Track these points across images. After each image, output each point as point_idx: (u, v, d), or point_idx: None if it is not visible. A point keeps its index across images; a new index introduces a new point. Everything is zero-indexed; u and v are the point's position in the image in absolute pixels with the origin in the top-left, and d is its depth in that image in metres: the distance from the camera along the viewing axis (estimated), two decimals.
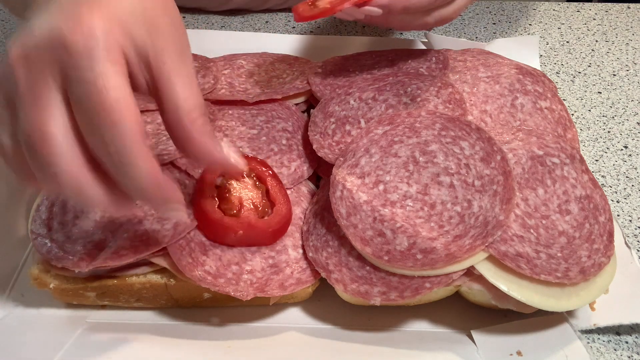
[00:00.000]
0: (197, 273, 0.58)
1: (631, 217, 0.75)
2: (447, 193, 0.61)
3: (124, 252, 0.58)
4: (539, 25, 1.09)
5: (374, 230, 0.59)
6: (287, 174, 0.69)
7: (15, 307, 0.64)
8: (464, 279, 0.59)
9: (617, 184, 0.79)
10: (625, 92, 0.94)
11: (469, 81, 0.76)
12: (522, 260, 0.57)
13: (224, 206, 0.62)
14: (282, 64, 0.86)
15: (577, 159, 0.66)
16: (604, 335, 0.63)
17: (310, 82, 0.80)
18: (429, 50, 0.84)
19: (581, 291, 0.57)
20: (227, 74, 0.83)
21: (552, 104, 0.74)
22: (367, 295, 0.58)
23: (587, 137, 0.87)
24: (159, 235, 0.60)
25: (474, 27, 1.09)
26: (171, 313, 0.65)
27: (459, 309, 0.64)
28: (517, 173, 0.63)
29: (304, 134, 0.74)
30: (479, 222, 0.58)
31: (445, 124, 0.66)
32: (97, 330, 0.61)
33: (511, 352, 0.58)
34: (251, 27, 1.08)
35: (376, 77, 0.77)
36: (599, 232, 0.61)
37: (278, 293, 0.59)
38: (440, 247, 0.57)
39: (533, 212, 0.61)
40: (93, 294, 0.62)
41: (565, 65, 1.00)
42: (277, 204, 0.64)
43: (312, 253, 0.62)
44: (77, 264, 0.58)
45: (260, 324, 0.63)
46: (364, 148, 0.65)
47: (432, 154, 0.64)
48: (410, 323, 0.63)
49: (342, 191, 0.62)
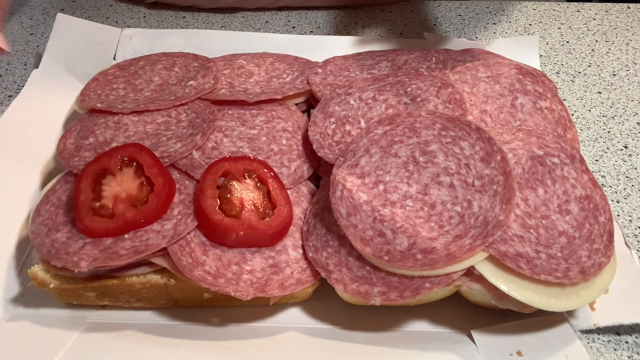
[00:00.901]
0: (197, 273, 0.58)
1: (631, 217, 0.75)
2: (447, 193, 0.61)
3: (124, 252, 0.58)
4: (539, 25, 1.09)
5: (374, 230, 0.59)
6: (287, 174, 0.69)
7: (15, 307, 0.64)
8: (464, 279, 0.59)
9: (617, 184, 0.79)
10: (625, 92, 0.94)
11: (469, 81, 0.76)
12: (522, 260, 0.57)
13: (225, 207, 0.62)
14: (282, 64, 0.86)
15: (577, 159, 0.66)
16: (604, 335, 0.63)
17: (310, 82, 0.80)
18: (429, 51, 0.84)
19: (581, 291, 0.57)
20: (227, 74, 0.83)
21: (552, 104, 0.74)
22: (367, 295, 0.58)
23: (587, 137, 0.87)
24: (158, 235, 0.60)
25: (474, 27, 1.09)
26: (171, 313, 0.65)
27: (459, 309, 0.64)
28: (517, 173, 0.63)
29: (304, 134, 0.74)
30: (479, 222, 0.58)
31: (445, 124, 0.66)
32: (97, 330, 0.61)
33: (511, 352, 0.58)
34: (251, 27, 1.08)
35: (376, 77, 0.77)
36: (599, 232, 0.61)
37: (278, 293, 0.59)
38: (440, 247, 0.57)
39: (533, 212, 0.61)
40: (93, 294, 0.62)
41: (565, 65, 1.00)
42: (278, 205, 0.64)
43: (312, 253, 0.62)
44: (77, 264, 0.58)
45: (260, 324, 0.63)
46: (364, 148, 0.65)
47: (432, 154, 0.64)
48: (410, 323, 0.63)
49: (342, 191, 0.62)
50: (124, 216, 0.60)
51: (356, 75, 0.80)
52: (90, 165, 0.65)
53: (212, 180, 0.63)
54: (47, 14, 1.10)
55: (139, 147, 0.66)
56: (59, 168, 0.76)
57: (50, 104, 0.84)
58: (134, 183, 0.63)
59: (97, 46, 0.93)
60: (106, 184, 0.64)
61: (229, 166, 0.65)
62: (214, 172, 0.64)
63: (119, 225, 0.60)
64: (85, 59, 0.91)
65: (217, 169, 0.64)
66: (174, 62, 0.85)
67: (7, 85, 0.94)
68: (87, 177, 0.64)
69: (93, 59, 0.92)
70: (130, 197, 0.62)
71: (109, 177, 0.64)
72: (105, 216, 0.61)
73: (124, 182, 0.64)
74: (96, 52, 0.93)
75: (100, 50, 0.93)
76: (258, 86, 0.82)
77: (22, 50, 1.02)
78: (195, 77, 0.81)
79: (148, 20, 1.10)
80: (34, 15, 1.10)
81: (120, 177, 0.64)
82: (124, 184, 0.63)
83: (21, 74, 0.96)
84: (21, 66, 0.98)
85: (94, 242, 0.60)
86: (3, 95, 0.92)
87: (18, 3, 1.13)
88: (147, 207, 0.61)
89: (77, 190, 0.63)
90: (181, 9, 1.12)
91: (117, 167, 0.64)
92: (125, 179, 0.64)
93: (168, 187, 0.62)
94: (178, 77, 0.82)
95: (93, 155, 0.69)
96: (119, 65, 0.85)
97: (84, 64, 0.90)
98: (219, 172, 0.64)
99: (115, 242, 0.60)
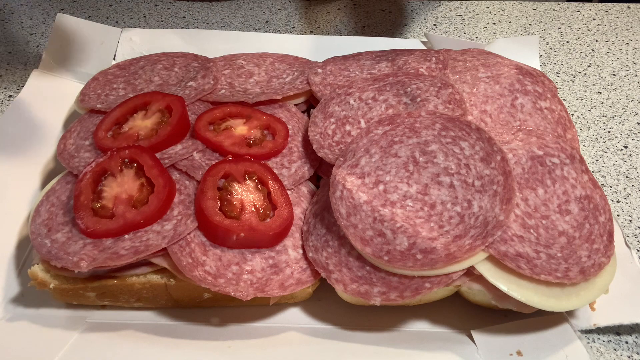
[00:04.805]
0: (197, 273, 0.58)
1: (631, 217, 0.75)
2: (447, 193, 0.61)
3: (124, 252, 0.58)
4: (539, 25, 1.09)
5: (374, 230, 0.59)
6: (288, 175, 0.69)
7: (15, 307, 0.64)
8: (464, 279, 0.59)
9: (617, 184, 0.79)
10: (625, 92, 0.94)
11: (469, 81, 0.76)
12: (522, 261, 0.57)
13: (226, 208, 0.62)
14: (282, 64, 0.86)
15: (577, 159, 0.66)
16: (604, 335, 0.63)
17: (310, 82, 0.80)
18: (429, 50, 0.84)
19: (581, 291, 0.57)
20: (227, 74, 0.83)
21: (552, 104, 0.74)
22: (367, 295, 0.58)
23: (587, 137, 0.87)
24: (159, 236, 0.60)
25: (474, 27, 1.09)
26: (171, 313, 0.65)
27: (459, 309, 0.64)
28: (517, 173, 0.63)
29: (305, 134, 0.74)
30: (479, 222, 0.58)
31: (445, 124, 0.66)
32: (97, 330, 0.61)
33: (511, 352, 0.58)
34: (251, 27, 1.08)
35: (376, 77, 0.77)
36: (599, 232, 0.61)
37: (278, 293, 0.59)
38: (440, 247, 0.57)
39: (533, 212, 0.61)
40: (93, 294, 0.62)
41: (565, 65, 1.00)
42: (278, 206, 0.64)
43: (312, 253, 0.62)
44: (77, 264, 0.57)
45: (260, 324, 0.63)
46: (364, 148, 0.65)
47: (432, 154, 0.64)
48: (410, 323, 0.63)
49: (342, 191, 0.62)
50: (124, 217, 0.61)
51: (356, 75, 0.80)
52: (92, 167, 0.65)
53: (213, 182, 0.63)
54: (47, 14, 1.10)
55: (140, 148, 0.66)
56: (59, 168, 0.76)
57: (50, 104, 0.85)
58: (134, 184, 0.64)
59: (97, 46, 0.93)
60: (107, 184, 0.64)
61: (229, 168, 0.65)
62: (214, 174, 0.64)
63: (119, 226, 0.60)
64: (85, 59, 0.91)
65: (217, 170, 0.65)
66: (174, 62, 0.85)
67: (7, 85, 0.94)
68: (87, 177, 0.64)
69: (93, 59, 0.92)
70: (131, 197, 0.62)
71: (110, 178, 0.64)
72: (105, 217, 0.61)
73: (125, 183, 0.64)
74: (96, 52, 0.93)
75: (100, 50, 0.94)
76: (258, 86, 0.82)
77: (22, 50, 1.02)
78: (195, 78, 0.81)
79: (148, 20, 1.10)
80: (34, 15, 1.10)
81: (120, 178, 0.64)
82: (125, 184, 0.64)
83: (21, 74, 0.96)
84: (21, 66, 0.98)
85: (94, 242, 0.60)
86: (3, 95, 0.92)
87: (18, 3, 1.13)
88: (147, 208, 0.61)
89: (78, 190, 0.63)
90: (181, 8, 1.12)
91: (118, 168, 0.65)
92: (125, 180, 0.64)
93: (168, 188, 0.63)
94: (178, 77, 0.82)
95: (93, 156, 0.69)
96: (119, 65, 0.85)
97: (84, 64, 0.91)
98: (220, 173, 0.64)
99: (115, 242, 0.60)
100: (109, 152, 0.66)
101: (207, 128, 0.71)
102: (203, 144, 0.70)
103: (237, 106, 0.75)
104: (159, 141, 0.68)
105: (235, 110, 0.74)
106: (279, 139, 0.72)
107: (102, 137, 0.69)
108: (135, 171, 0.65)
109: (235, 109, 0.74)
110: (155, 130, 0.69)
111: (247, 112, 0.74)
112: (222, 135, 0.70)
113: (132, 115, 0.73)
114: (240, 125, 0.72)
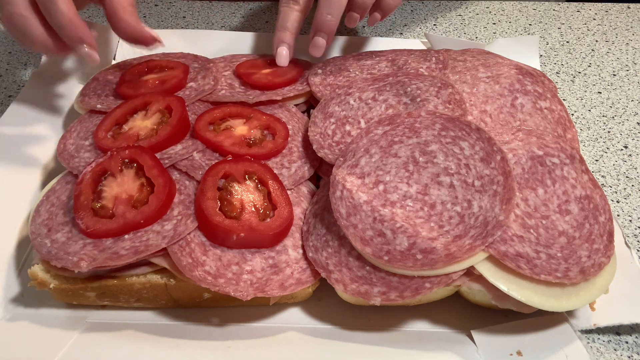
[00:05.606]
0: (197, 273, 0.58)
1: (631, 217, 0.75)
2: (447, 193, 0.61)
3: (124, 252, 0.58)
4: (539, 25, 1.09)
5: (374, 230, 0.59)
6: (288, 175, 0.69)
7: (15, 307, 0.64)
8: (464, 279, 0.59)
9: (617, 184, 0.79)
10: (625, 92, 0.94)
11: (469, 81, 0.76)
12: (522, 260, 0.57)
13: (226, 208, 0.62)
14: None
15: (577, 159, 0.66)
16: (604, 335, 0.63)
17: (310, 83, 0.80)
18: (429, 50, 0.84)
19: (581, 291, 0.57)
20: (228, 75, 0.83)
21: (552, 104, 0.74)
22: (367, 295, 0.58)
23: (587, 137, 0.87)
24: (158, 236, 0.60)
25: (474, 27, 1.09)
26: (171, 313, 0.65)
27: (459, 309, 0.64)
28: (517, 173, 0.63)
29: (305, 134, 0.75)
30: (479, 222, 0.58)
31: (445, 124, 0.66)
32: (97, 330, 0.61)
33: (511, 352, 0.58)
34: (251, 27, 1.08)
35: (376, 77, 0.77)
36: (599, 232, 0.61)
37: (278, 293, 0.59)
38: (440, 247, 0.57)
39: (533, 212, 0.61)
40: (93, 294, 0.62)
41: (565, 65, 1.00)
42: (278, 207, 0.64)
43: (312, 253, 0.62)
44: (77, 264, 0.57)
45: (260, 324, 0.63)
46: (364, 148, 0.65)
47: (432, 154, 0.64)
48: (410, 323, 0.63)
49: (342, 191, 0.62)
50: (124, 217, 0.61)
51: (356, 76, 0.80)
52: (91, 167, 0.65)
53: (213, 182, 0.63)
54: None
55: (140, 148, 0.66)
56: (59, 168, 0.76)
57: (50, 104, 0.85)
58: (134, 184, 0.64)
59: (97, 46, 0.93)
60: (107, 184, 0.64)
61: (229, 168, 0.65)
62: (214, 174, 0.64)
63: (119, 226, 0.60)
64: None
65: (217, 170, 0.65)
66: None
67: (7, 85, 0.94)
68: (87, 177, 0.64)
69: None
70: (131, 198, 0.62)
71: (110, 178, 0.64)
72: (105, 217, 0.61)
73: (125, 183, 0.64)
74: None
75: (100, 50, 0.93)
76: None
77: (22, 50, 1.02)
78: (195, 79, 0.81)
79: (148, 21, 1.10)
80: None
81: (120, 178, 0.64)
82: (125, 184, 0.64)
83: (21, 74, 0.96)
84: (21, 66, 0.98)
85: (94, 242, 0.60)
86: (3, 95, 0.92)
87: None
88: (147, 208, 0.61)
89: (78, 190, 0.63)
90: (181, 8, 1.12)
91: (118, 168, 0.65)
92: (125, 180, 0.64)
93: (168, 188, 0.63)
94: None
95: (93, 156, 0.69)
96: (119, 65, 0.85)
97: (84, 64, 0.91)
98: (220, 173, 0.64)
99: (115, 242, 0.60)
100: (109, 152, 0.66)
101: (207, 128, 0.71)
102: (203, 144, 0.70)
103: (237, 106, 0.75)
104: (159, 141, 0.68)
105: (235, 110, 0.74)
106: (279, 139, 0.72)
107: (102, 137, 0.70)
108: (135, 171, 0.65)
109: (235, 109, 0.74)
110: (155, 131, 0.70)
111: (247, 112, 0.74)
112: (222, 136, 0.70)
113: (132, 115, 0.73)
114: (240, 126, 0.72)
